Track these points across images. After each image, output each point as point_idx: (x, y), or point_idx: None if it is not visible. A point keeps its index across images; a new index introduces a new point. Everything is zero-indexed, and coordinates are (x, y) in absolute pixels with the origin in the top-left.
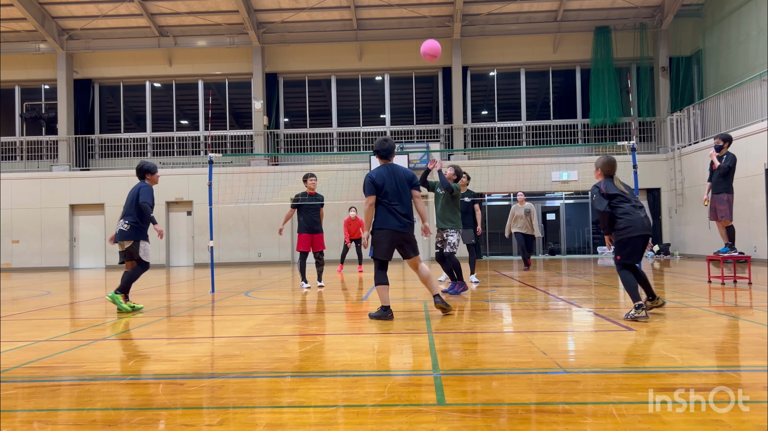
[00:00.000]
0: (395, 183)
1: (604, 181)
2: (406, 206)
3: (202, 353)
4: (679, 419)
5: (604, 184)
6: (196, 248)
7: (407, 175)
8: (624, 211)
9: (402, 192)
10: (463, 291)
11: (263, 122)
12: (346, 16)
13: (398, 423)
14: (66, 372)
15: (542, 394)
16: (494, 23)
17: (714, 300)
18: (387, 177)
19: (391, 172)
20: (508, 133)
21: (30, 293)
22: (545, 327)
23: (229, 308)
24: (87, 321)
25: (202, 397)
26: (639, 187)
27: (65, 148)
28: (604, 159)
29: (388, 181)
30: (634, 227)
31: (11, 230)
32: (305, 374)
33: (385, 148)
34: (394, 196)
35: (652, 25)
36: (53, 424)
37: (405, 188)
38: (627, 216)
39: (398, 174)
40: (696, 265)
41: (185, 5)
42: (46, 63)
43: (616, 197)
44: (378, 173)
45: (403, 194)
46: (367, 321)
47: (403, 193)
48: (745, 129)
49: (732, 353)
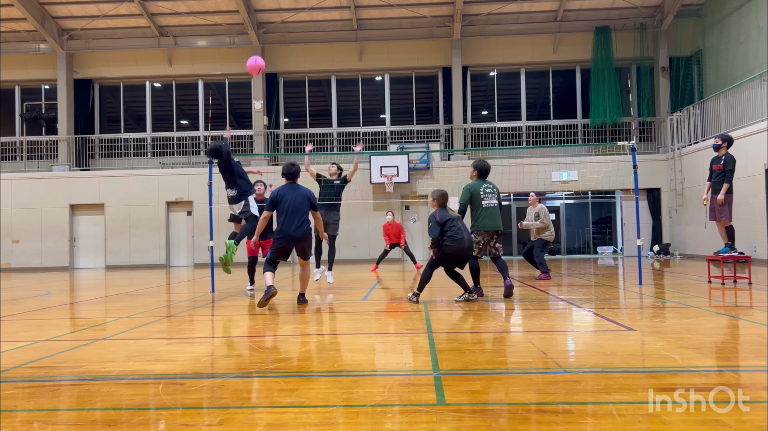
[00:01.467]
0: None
1: (439, 210)
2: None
3: (202, 353)
4: (679, 419)
5: (439, 213)
6: (196, 248)
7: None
8: (453, 233)
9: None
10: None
11: (263, 122)
12: (346, 16)
13: (398, 423)
14: (66, 372)
15: (542, 394)
16: (494, 23)
17: (714, 300)
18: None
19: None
20: (508, 133)
21: (30, 293)
22: (545, 327)
23: (229, 308)
24: (87, 321)
25: (202, 397)
26: (639, 186)
27: (65, 148)
28: (439, 192)
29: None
30: (460, 247)
31: (11, 230)
32: (305, 374)
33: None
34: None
35: (652, 25)
36: (53, 424)
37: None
38: (457, 237)
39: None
40: (696, 265)
41: (185, 5)
42: (46, 63)
43: (448, 222)
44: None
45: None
46: (367, 321)
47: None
48: (745, 129)
49: (732, 353)
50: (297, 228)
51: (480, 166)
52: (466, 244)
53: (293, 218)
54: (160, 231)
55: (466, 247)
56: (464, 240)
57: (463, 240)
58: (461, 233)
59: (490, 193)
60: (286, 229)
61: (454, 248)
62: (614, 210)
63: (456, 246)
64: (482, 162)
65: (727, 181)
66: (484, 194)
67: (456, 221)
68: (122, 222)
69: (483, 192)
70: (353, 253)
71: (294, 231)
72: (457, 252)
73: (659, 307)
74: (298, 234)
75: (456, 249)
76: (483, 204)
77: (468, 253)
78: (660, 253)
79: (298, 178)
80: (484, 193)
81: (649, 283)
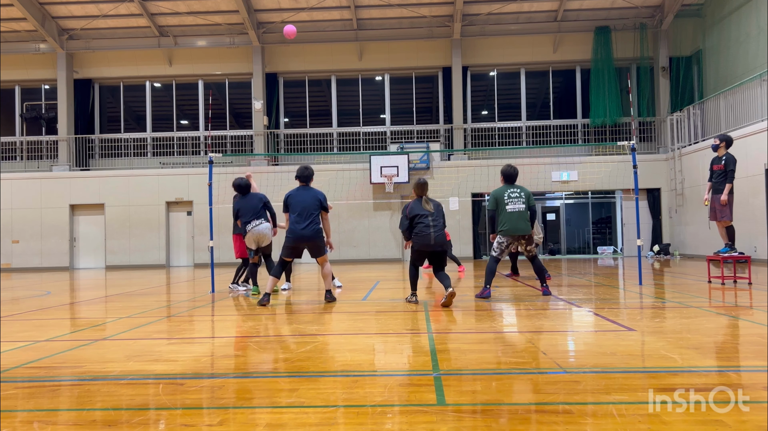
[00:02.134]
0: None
1: (413, 202)
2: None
3: (202, 353)
4: (679, 419)
5: (410, 205)
6: (196, 248)
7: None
8: (418, 230)
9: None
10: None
11: (263, 122)
12: (346, 16)
13: (398, 423)
14: (66, 372)
15: (542, 394)
16: (494, 23)
17: (714, 300)
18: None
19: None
20: (508, 133)
21: (30, 293)
22: (545, 327)
23: (229, 308)
24: (87, 321)
25: (202, 397)
26: (639, 187)
27: (65, 148)
28: (417, 181)
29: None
30: (423, 243)
31: (11, 230)
32: (305, 374)
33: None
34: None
35: (652, 25)
36: (53, 424)
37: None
38: (421, 233)
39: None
40: (696, 265)
41: (185, 5)
42: (46, 63)
43: (417, 216)
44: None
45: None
46: (367, 321)
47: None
48: (745, 129)
49: (732, 353)
50: (306, 227)
51: (504, 171)
52: (431, 241)
53: (302, 218)
54: (160, 231)
55: (431, 243)
56: (428, 236)
57: (428, 236)
58: (427, 229)
59: (516, 197)
60: (296, 228)
61: (418, 244)
62: (614, 210)
63: (419, 242)
64: (507, 167)
65: (729, 181)
66: (509, 199)
67: (425, 217)
68: (122, 222)
69: (507, 197)
70: (353, 253)
71: (303, 230)
72: (420, 248)
73: (659, 307)
74: (306, 233)
75: (420, 245)
76: (507, 209)
77: (434, 250)
78: (660, 253)
79: (311, 182)
80: (509, 197)
81: (649, 283)
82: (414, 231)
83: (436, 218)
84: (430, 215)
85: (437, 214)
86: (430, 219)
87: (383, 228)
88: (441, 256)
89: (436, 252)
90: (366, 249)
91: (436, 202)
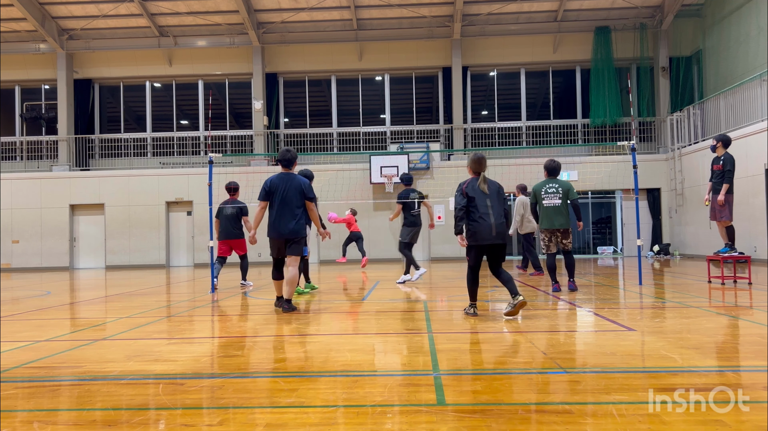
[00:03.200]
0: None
1: (471, 180)
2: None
3: (202, 353)
4: (679, 419)
5: (469, 183)
6: (196, 248)
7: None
8: (476, 217)
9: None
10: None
11: (263, 122)
12: (346, 16)
13: (398, 423)
14: (66, 372)
15: (542, 394)
16: (494, 23)
17: (714, 300)
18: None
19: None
20: (508, 133)
21: (30, 293)
22: (545, 327)
23: (229, 308)
24: (87, 321)
25: (202, 397)
26: (639, 186)
27: (65, 148)
28: (473, 156)
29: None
30: (480, 231)
31: (11, 230)
32: (305, 374)
33: (287, 158)
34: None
35: (652, 25)
36: (53, 424)
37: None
38: (481, 221)
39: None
40: (696, 265)
41: (185, 5)
42: (46, 63)
43: (472, 201)
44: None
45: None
46: (367, 321)
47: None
48: (745, 129)
49: (732, 353)
50: (285, 224)
51: (547, 165)
52: (492, 231)
53: (282, 212)
54: (160, 231)
55: (491, 235)
56: (489, 227)
57: (488, 227)
58: (487, 218)
59: (553, 192)
60: (276, 224)
61: (474, 237)
62: (614, 210)
63: (476, 233)
64: (549, 161)
65: (727, 181)
66: (546, 194)
67: (483, 201)
68: (122, 222)
69: (545, 192)
70: (353, 253)
71: (281, 226)
72: (478, 242)
73: (659, 307)
74: (284, 229)
75: (478, 238)
76: (544, 203)
77: (494, 242)
78: (660, 253)
79: (294, 166)
80: (546, 192)
81: (649, 283)
82: (468, 220)
83: (496, 203)
84: (488, 198)
85: (497, 197)
86: (489, 203)
87: (383, 229)
88: (501, 251)
89: (496, 246)
90: (366, 249)
91: (495, 183)
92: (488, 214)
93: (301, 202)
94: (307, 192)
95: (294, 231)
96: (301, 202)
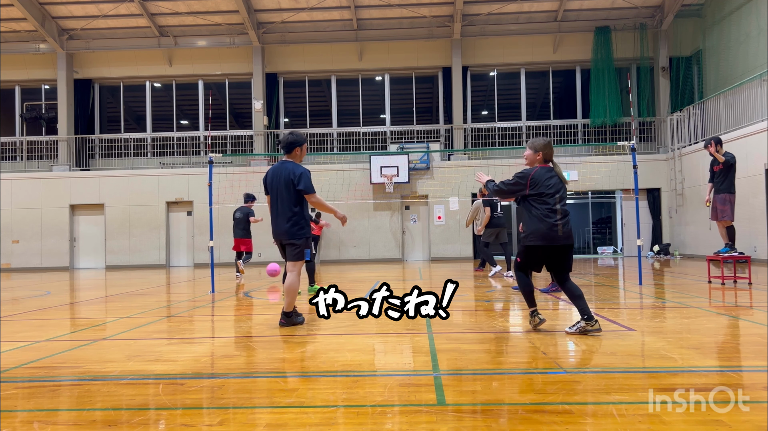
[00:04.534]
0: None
1: (539, 169)
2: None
3: (202, 353)
4: (679, 419)
5: (537, 172)
6: (196, 248)
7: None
8: (537, 213)
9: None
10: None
11: (263, 122)
12: (346, 16)
13: (398, 423)
14: (66, 372)
15: (542, 394)
16: (494, 23)
17: (714, 300)
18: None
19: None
20: (508, 133)
21: (30, 293)
22: (545, 327)
23: (229, 308)
24: (87, 321)
25: (202, 397)
26: (639, 187)
27: (65, 148)
28: (540, 141)
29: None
30: (549, 234)
31: (11, 230)
32: (305, 374)
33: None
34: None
35: (652, 25)
36: (53, 424)
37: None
38: (544, 219)
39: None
40: (696, 265)
41: (185, 5)
42: (46, 63)
43: (539, 195)
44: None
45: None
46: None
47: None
48: (745, 129)
49: (732, 353)
50: (279, 223)
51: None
52: (559, 231)
53: (275, 209)
54: (160, 231)
55: (557, 235)
56: (555, 227)
57: (554, 226)
58: (553, 215)
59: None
60: (272, 222)
61: (537, 236)
62: (614, 210)
63: (540, 233)
64: None
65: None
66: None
67: (552, 195)
68: (122, 222)
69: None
70: (354, 253)
71: (276, 226)
72: (545, 243)
73: (659, 307)
74: (278, 230)
75: (543, 238)
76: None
77: (561, 243)
78: (660, 253)
79: (293, 151)
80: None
81: (649, 283)
82: (531, 215)
83: (565, 197)
84: (558, 193)
85: (565, 190)
86: (558, 198)
87: (383, 229)
88: (568, 255)
89: (563, 249)
90: (366, 249)
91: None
92: (555, 211)
93: (295, 197)
94: (297, 183)
95: (288, 232)
96: (294, 197)
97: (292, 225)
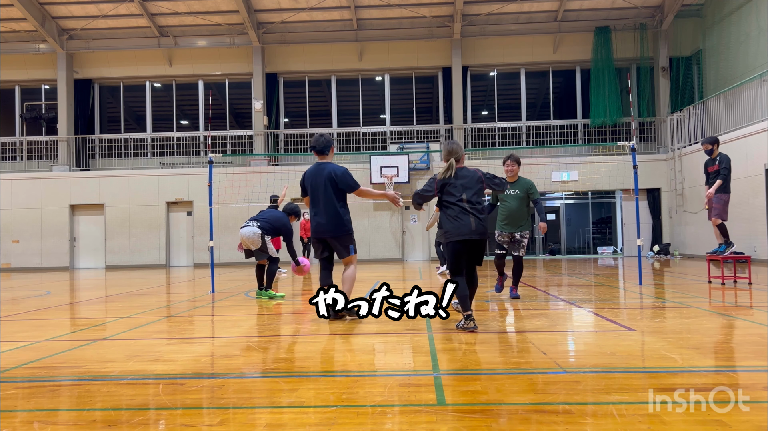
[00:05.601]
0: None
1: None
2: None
3: (202, 353)
4: (679, 419)
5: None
6: (196, 248)
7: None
8: (450, 212)
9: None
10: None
11: (263, 122)
12: (346, 16)
13: (398, 424)
14: (66, 372)
15: (542, 394)
16: (494, 23)
17: (714, 300)
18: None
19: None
20: (508, 133)
21: (30, 293)
22: (545, 327)
23: (229, 308)
24: (87, 321)
25: (202, 397)
26: (639, 187)
27: (65, 148)
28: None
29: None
30: (458, 231)
31: (11, 230)
32: (305, 374)
33: (321, 143)
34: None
35: (652, 25)
36: (53, 424)
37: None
38: (454, 215)
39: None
40: (696, 265)
41: (185, 5)
42: (46, 63)
43: (446, 186)
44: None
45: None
46: (367, 321)
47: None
48: (745, 129)
49: (732, 353)
50: (318, 221)
51: None
52: (472, 226)
53: (316, 208)
54: (160, 231)
55: (471, 229)
56: (467, 223)
57: (466, 223)
58: (464, 214)
59: None
60: (312, 221)
61: (451, 233)
62: (614, 210)
63: (452, 229)
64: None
65: (722, 178)
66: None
67: (455, 191)
68: (122, 223)
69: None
70: None
71: (315, 224)
72: (456, 238)
73: (659, 307)
74: (321, 226)
75: (454, 234)
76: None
77: (471, 238)
78: (660, 253)
79: (327, 154)
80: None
81: (649, 283)
82: (446, 215)
83: (473, 193)
84: (462, 188)
85: (471, 183)
86: (464, 194)
87: (383, 229)
88: (479, 249)
89: (474, 244)
90: (366, 249)
91: (471, 170)
92: (465, 210)
93: (337, 195)
94: (339, 182)
95: (336, 225)
96: (335, 195)
97: (338, 222)
